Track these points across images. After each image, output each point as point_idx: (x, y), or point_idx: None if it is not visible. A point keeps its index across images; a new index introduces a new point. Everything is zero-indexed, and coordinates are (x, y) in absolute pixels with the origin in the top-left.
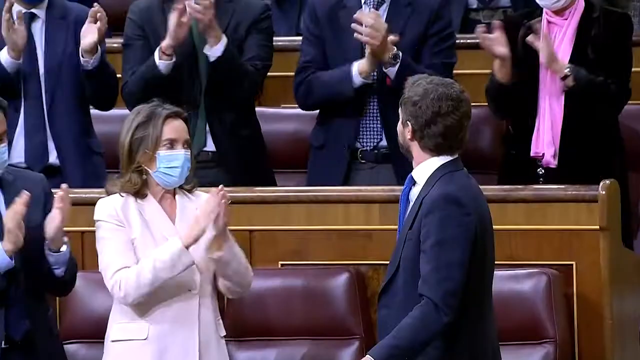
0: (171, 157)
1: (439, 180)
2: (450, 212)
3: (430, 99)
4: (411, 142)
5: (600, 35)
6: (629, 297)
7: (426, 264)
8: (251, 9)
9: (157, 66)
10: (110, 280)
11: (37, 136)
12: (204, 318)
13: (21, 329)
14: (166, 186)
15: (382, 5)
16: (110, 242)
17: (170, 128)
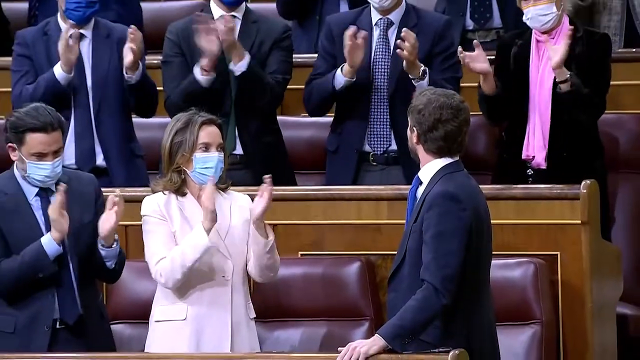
0: (206, 159)
1: (440, 179)
2: (448, 208)
3: (432, 107)
4: (417, 146)
5: (583, 53)
6: (607, 283)
7: (427, 253)
8: (274, 29)
9: (198, 81)
10: (154, 268)
11: (85, 141)
12: (235, 301)
13: (74, 314)
14: (202, 185)
15: (391, 27)
16: (154, 235)
17: (206, 133)
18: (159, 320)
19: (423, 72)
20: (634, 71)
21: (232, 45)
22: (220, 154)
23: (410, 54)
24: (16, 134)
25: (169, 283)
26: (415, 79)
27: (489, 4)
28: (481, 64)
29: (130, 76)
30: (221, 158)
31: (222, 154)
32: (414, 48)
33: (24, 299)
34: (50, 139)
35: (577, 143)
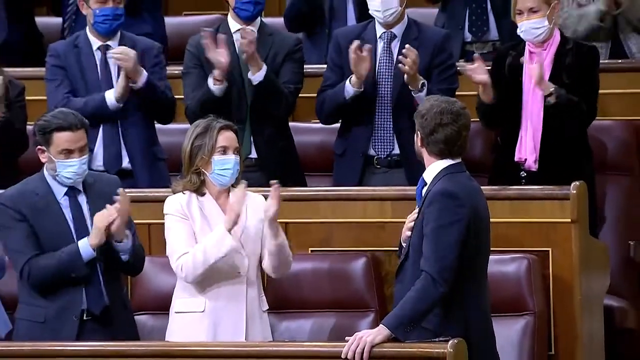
0: (224, 161)
1: (441, 179)
2: (446, 204)
3: (433, 112)
4: (421, 149)
5: (573, 64)
6: (595, 277)
7: (426, 245)
8: (286, 42)
9: (211, 90)
10: (175, 263)
11: (112, 146)
12: (250, 295)
13: (100, 305)
14: (220, 186)
15: (394, 40)
16: (176, 232)
17: (223, 137)
18: (179, 311)
19: (422, 84)
20: (620, 81)
21: (252, 56)
22: (237, 157)
23: (411, 68)
24: (44, 135)
25: (189, 278)
26: (415, 91)
27: (485, 18)
28: (480, 75)
29: (135, 84)
30: (237, 161)
31: (238, 157)
32: (415, 63)
33: (54, 292)
34: (75, 137)
35: (566, 147)
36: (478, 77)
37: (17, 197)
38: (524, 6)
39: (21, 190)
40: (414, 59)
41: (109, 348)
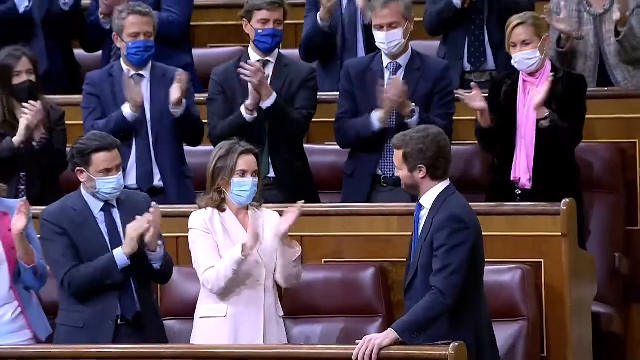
0: (242, 184)
1: (443, 202)
2: (455, 228)
3: (429, 141)
4: (422, 180)
5: (562, 92)
6: (583, 285)
7: (436, 264)
8: (301, 71)
9: (244, 118)
10: (202, 276)
11: (145, 165)
12: (267, 302)
13: (133, 311)
14: (238, 205)
15: (399, 69)
16: (200, 246)
17: (243, 161)
18: (202, 316)
19: (412, 111)
20: (606, 107)
21: (259, 85)
22: (255, 179)
23: (397, 97)
24: (82, 157)
25: (215, 289)
26: (406, 117)
27: (483, 50)
28: (478, 103)
29: (176, 111)
30: (255, 183)
31: (256, 179)
32: (401, 92)
33: (92, 299)
34: (112, 156)
35: (556, 167)
36: (476, 104)
37: (57, 213)
38: (517, 39)
39: (61, 207)
40: (399, 88)
41: (141, 350)
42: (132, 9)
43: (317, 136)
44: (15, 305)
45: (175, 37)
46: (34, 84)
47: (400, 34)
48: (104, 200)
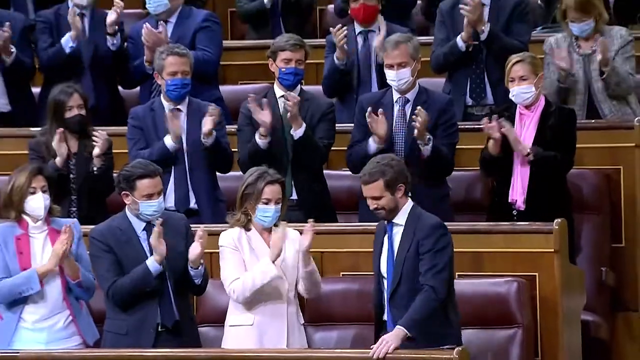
0: (265, 210)
1: (419, 216)
2: (440, 233)
3: (399, 166)
4: (400, 199)
5: (555, 124)
6: (574, 296)
7: (425, 266)
8: (321, 105)
9: (257, 144)
10: (228, 288)
11: (182, 189)
12: (290, 312)
13: (172, 319)
14: (262, 227)
15: (407, 103)
16: (228, 261)
17: (269, 190)
18: (232, 325)
19: (428, 139)
20: (593, 137)
21: (294, 116)
22: (278, 206)
23: (421, 125)
24: (128, 182)
25: (240, 299)
26: (422, 144)
27: (483, 86)
28: (496, 133)
29: (206, 140)
30: (278, 209)
31: (279, 206)
32: (425, 122)
33: (134, 308)
34: (154, 182)
35: (549, 191)
36: (495, 135)
37: (104, 232)
38: (516, 75)
39: (108, 226)
40: (424, 118)
41: (177, 354)
42: (171, 51)
43: (336, 163)
44: (67, 314)
45: (210, 73)
46: (84, 117)
47: (408, 73)
48: (146, 221)
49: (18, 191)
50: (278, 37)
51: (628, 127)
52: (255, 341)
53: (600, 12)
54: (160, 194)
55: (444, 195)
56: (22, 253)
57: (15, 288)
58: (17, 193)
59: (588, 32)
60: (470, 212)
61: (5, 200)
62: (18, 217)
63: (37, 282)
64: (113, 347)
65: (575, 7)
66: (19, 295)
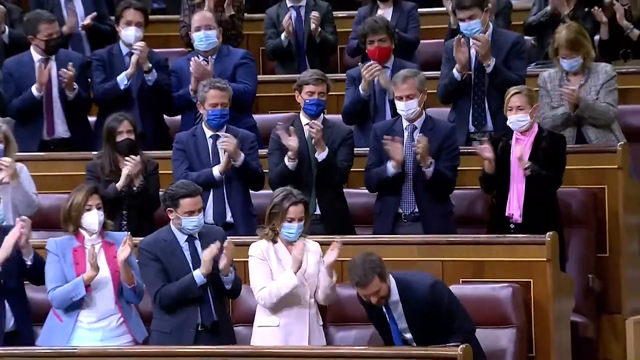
0: (289, 227)
1: (409, 289)
2: (441, 290)
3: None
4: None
5: (546, 147)
6: (564, 300)
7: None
8: (341, 132)
9: (286, 166)
10: (257, 294)
11: (219, 206)
12: (311, 314)
13: (210, 320)
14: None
15: (415, 130)
16: (257, 271)
17: (293, 210)
18: (260, 325)
19: (431, 162)
20: (581, 160)
21: (319, 141)
22: (301, 223)
23: (421, 150)
24: (172, 200)
25: (267, 305)
26: (424, 167)
27: (484, 115)
28: (488, 153)
29: (235, 162)
30: (301, 226)
31: (302, 223)
32: (425, 147)
33: (177, 310)
34: (195, 201)
35: (542, 207)
36: (486, 154)
37: (152, 243)
38: (513, 104)
39: (155, 238)
40: (424, 144)
41: (216, 351)
42: (213, 85)
43: (355, 182)
44: (119, 315)
45: (249, 102)
46: (133, 142)
47: (415, 104)
48: (187, 234)
49: (76, 208)
50: (303, 72)
51: (612, 151)
52: (281, 341)
53: (588, 51)
54: (201, 211)
55: (448, 212)
56: (78, 264)
57: (66, 294)
58: (75, 209)
59: (577, 68)
60: (472, 225)
61: (65, 216)
62: (75, 230)
63: (83, 288)
64: (159, 344)
65: (566, 45)
66: (70, 300)
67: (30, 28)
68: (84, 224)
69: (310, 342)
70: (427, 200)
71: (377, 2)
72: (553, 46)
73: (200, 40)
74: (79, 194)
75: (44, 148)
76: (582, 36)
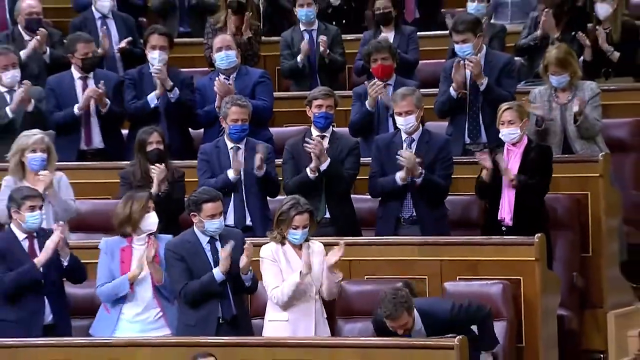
0: (295, 233)
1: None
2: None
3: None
4: None
5: (535, 157)
6: (551, 296)
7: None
8: (348, 143)
9: (309, 177)
10: (270, 293)
11: (240, 210)
12: (316, 309)
13: (230, 314)
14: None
15: (413, 142)
16: (269, 271)
17: (298, 218)
18: (270, 320)
19: (420, 173)
20: (567, 169)
21: (320, 154)
22: (305, 230)
23: (408, 162)
24: (195, 205)
25: (279, 303)
26: (415, 178)
27: (478, 128)
28: (488, 162)
29: (258, 173)
30: (305, 232)
31: (307, 229)
32: (410, 159)
33: (200, 305)
34: (216, 206)
35: (531, 211)
36: (486, 164)
37: (177, 244)
38: (505, 119)
39: (180, 240)
40: (407, 156)
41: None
42: (235, 102)
43: (360, 189)
44: (158, 309)
45: (267, 117)
46: (162, 152)
47: (413, 119)
48: (210, 236)
49: (139, 211)
50: (314, 89)
51: (594, 161)
52: (289, 333)
53: (575, 70)
54: (221, 215)
55: (442, 215)
56: (124, 262)
57: (112, 290)
58: (138, 213)
59: (564, 84)
60: (467, 228)
61: (124, 219)
62: (133, 232)
63: (127, 286)
64: (184, 335)
65: (555, 62)
66: (115, 296)
67: (69, 47)
68: (144, 226)
69: (315, 333)
70: (424, 205)
71: (380, 27)
72: (544, 63)
73: (221, 60)
74: (139, 200)
75: (81, 157)
76: (570, 56)
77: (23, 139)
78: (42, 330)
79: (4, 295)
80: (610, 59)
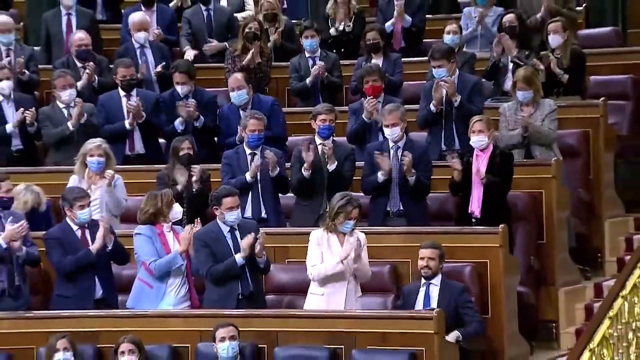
0: (348, 224)
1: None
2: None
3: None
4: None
5: (499, 161)
6: (511, 276)
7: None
8: (346, 150)
9: (303, 175)
10: (309, 270)
11: (256, 205)
12: (349, 288)
13: (248, 290)
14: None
15: (398, 149)
16: (312, 252)
17: (354, 212)
18: (311, 293)
19: (413, 173)
20: (526, 171)
21: (330, 156)
22: (355, 221)
23: (407, 164)
24: (217, 200)
25: (315, 279)
26: (409, 176)
27: (452, 137)
28: (458, 166)
29: (272, 174)
30: (354, 223)
31: (355, 221)
32: (410, 162)
33: (223, 284)
34: (234, 200)
35: (496, 206)
36: (457, 166)
37: (203, 233)
38: (475, 129)
39: (205, 230)
40: (409, 159)
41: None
42: (253, 115)
43: (356, 188)
44: (187, 286)
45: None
46: (191, 156)
47: (398, 130)
48: (230, 226)
49: (167, 203)
50: (317, 105)
51: (548, 165)
52: (323, 306)
53: (538, 88)
54: (239, 208)
55: (423, 208)
56: (164, 244)
57: (167, 264)
58: (167, 204)
59: (528, 99)
60: (443, 220)
61: (157, 211)
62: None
63: (180, 258)
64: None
65: (523, 80)
66: (170, 269)
67: (114, 69)
68: (172, 215)
69: (345, 308)
70: (409, 200)
71: (371, 54)
72: (514, 80)
73: (234, 98)
74: (166, 195)
75: (126, 161)
76: (534, 76)
77: (86, 145)
78: (94, 304)
79: (63, 275)
80: (561, 81)
